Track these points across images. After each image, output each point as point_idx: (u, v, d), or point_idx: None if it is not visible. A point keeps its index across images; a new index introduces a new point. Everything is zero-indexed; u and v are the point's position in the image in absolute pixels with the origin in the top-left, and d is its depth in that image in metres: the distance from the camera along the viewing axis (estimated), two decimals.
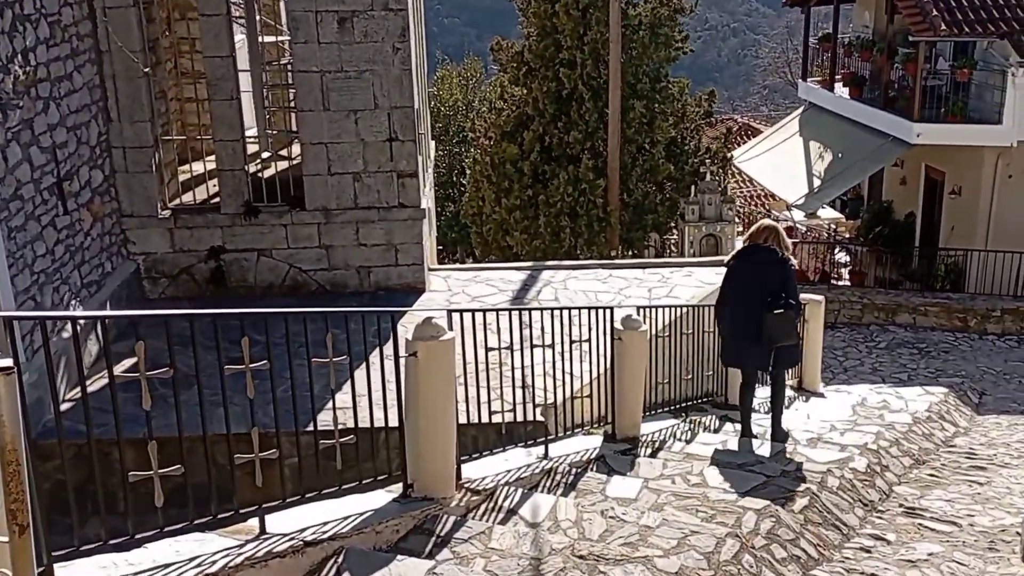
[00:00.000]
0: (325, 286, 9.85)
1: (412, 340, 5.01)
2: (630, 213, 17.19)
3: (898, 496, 6.98)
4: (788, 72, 51.24)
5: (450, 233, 21.01)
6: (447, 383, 5.19)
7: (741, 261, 7.57)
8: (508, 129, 17.49)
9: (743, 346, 7.55)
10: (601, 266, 10.87)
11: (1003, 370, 15.23)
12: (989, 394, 13.46)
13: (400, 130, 9.50)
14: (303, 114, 9.48)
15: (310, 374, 4.65)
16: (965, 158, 18.30)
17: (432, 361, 5.04)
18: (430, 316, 5.14)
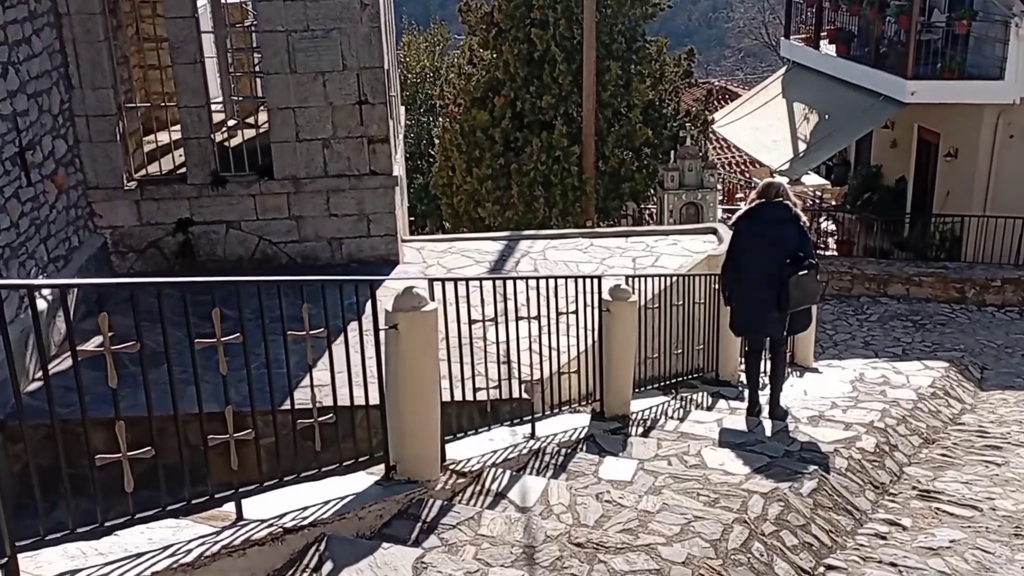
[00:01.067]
0: (296, 259, 9.87)
1: (392, 311, 4.96)
2: (606, 181, 17.17)
3: (910, 478, 6.91)
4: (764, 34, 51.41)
5: (419, 206, 20.89)
6: (431, 357, 5.15)
7: (752, 220, 7.27)
8: (478, 95, 17.37)
9: (759, 313, 7.32)
10: (581, 235, 10.87)
11: (1004, 343, 15.32)
12: (991, 368, 13.50)
13: (370, 92, 9.45)
14: (269, 77, 9.43)
15: (286, 349, 4.59)
16: (962, 118, 18.29)
17: (414, 334, 4.98)
18: (411, 285, 5.09)
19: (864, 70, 19.18)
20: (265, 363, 4.44)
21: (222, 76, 10.95)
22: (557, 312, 6.72)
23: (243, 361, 4.24)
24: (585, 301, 7.00)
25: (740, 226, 7.37)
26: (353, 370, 4.96)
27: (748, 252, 7.28)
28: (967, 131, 18.47)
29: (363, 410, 5.33)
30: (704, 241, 10.68)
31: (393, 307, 4.97)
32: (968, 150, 18.54)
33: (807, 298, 7.25)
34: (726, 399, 8.71)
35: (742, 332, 7.87)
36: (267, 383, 4.49)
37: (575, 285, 6.99)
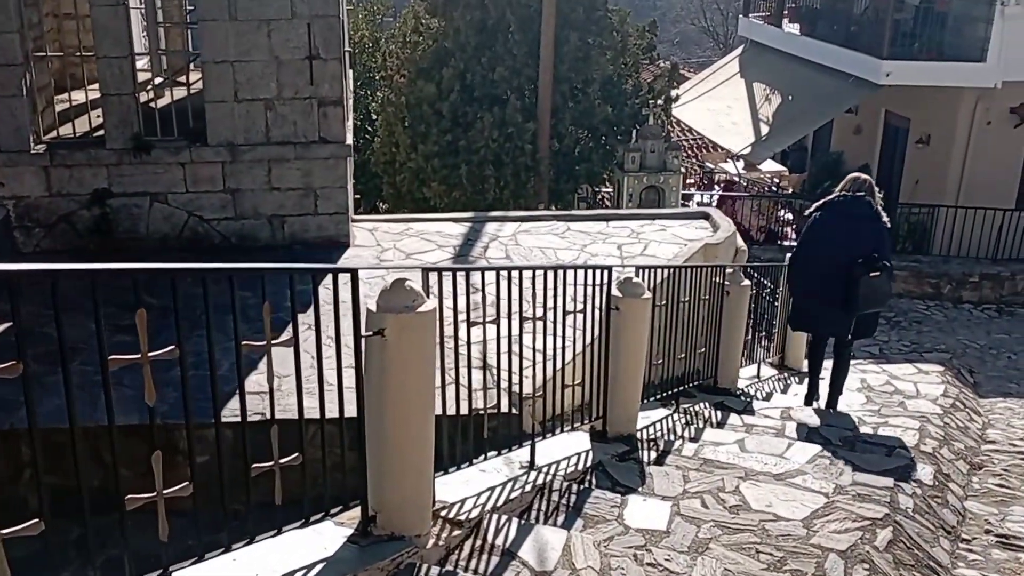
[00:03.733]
0: (231, 238, 8.60)
1: (378, 312, 3.76)
2: (560, 161, 16.04)
3: (975, 517, 6.01)
4: (702, 17, 51.14)
5: (357, 184, 19.50)
6: (427, 374, 4.02)
7: (830, 213, 6.97)
8: (424, 65, 16.05)
9: (824, 310, 7.11)
10: (556, 218, 9.72)
11: (987, 343, 14.84)
12: (978, 372, 13.04)
13: (323, 45, 8.19)
14: (204, 26, 8.11)
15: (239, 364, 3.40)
16: (936, 102, 17.68)
17: (407, 342, 3.82)
18: (402, 278, 3.94)
19: (834, 50, 18.45)
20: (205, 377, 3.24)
21: (149, 27, 9.55)
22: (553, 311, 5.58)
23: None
24: (580, 297, 5.85)
25: (816, 218, 7.09)
26: (306, 383, 3.80)
27: (821, 245, 7.00)
28: (942, 116, 17.88)
29: (332, 440, 4.10)
30: (696, 227, 9.62)
31: (379, 306, 3.78)
32: (942, 137, 17.94)
33: (876, 302, 7.04)
34: (734, 412, 7.67)
35: (802, 328, 7.72)
36: (211, 395, 3.33)
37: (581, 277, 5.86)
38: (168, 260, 8.01)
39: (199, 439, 3.49)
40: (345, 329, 3.69)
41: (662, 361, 7.16)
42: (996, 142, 17.38)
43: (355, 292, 3.81)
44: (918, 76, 17.14)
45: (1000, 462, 7.62)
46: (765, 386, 9.01)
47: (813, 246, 7.12)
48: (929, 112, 18.11)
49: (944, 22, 17.58)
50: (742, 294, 8.42)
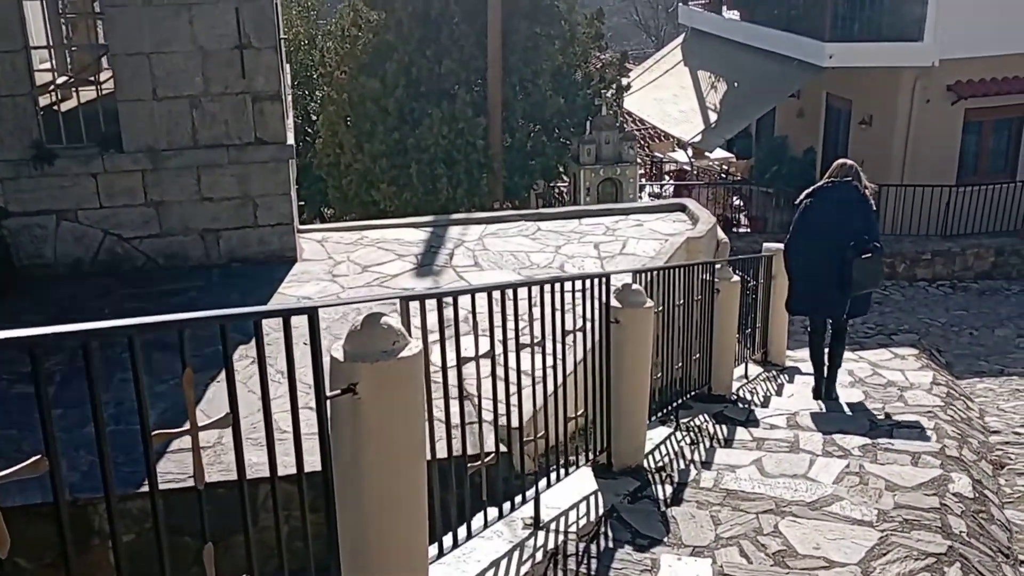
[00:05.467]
0: (157, 259, 7.15)
1: (346, 362, 2.70)
2: (514, 156, 14.82)
3: (1021, 529, 5.12)
4: (634, 11, 50.23)
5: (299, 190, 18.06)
6: (413, 442, 2.92)
7: (820, 199, 6.93)
8: (366, 61, 14.67)
9: (819, 293, 7.06)
10: (524, 218, 8.52)
11: (947, 320, 14.17)
12: (946, 350, 12.37)
13: (254, 32, 6.77)
14: (113, 13, 6.62)
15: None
16: (876, 83, 16.98)
17: (388, 400, 2.77)
18: (376, 313, 2.79)
19: (776, 34, 17.62)
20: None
21: (50, 20, 8.01)
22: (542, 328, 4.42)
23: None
24: (571, 307, 4.70)
25: (807, 204, 7.02)
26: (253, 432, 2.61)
27: (813, 231, 6.94)
28: (883, 97, 17.21)
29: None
30: (674, 221, 8.50)
31: (348, 352, 2.72)
32: (884, 116, 17.25)
33: (870, 282, 7.05)
34: (738, 424, 6.60)
35: (800, 311, 7.63)
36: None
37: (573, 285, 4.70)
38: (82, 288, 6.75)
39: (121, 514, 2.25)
40: (300, 358, 2.50)
41: (660, 374, 6.05)
42: (936, 120, 16.84)
43: (314, 339, 2.59)
44: (860, 57, 16.48)
45: (1017, 457, 6.86)
46: (758, 388, 7.98)
47: (806, 232, 7.02)
48: (870, 93, 17.43)
49: (882, 3, 16.79)
50: (733, 291, 7.35)
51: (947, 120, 16.91)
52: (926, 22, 15.87)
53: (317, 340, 2.55)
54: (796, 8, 17.94)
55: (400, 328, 2.80)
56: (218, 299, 6.50)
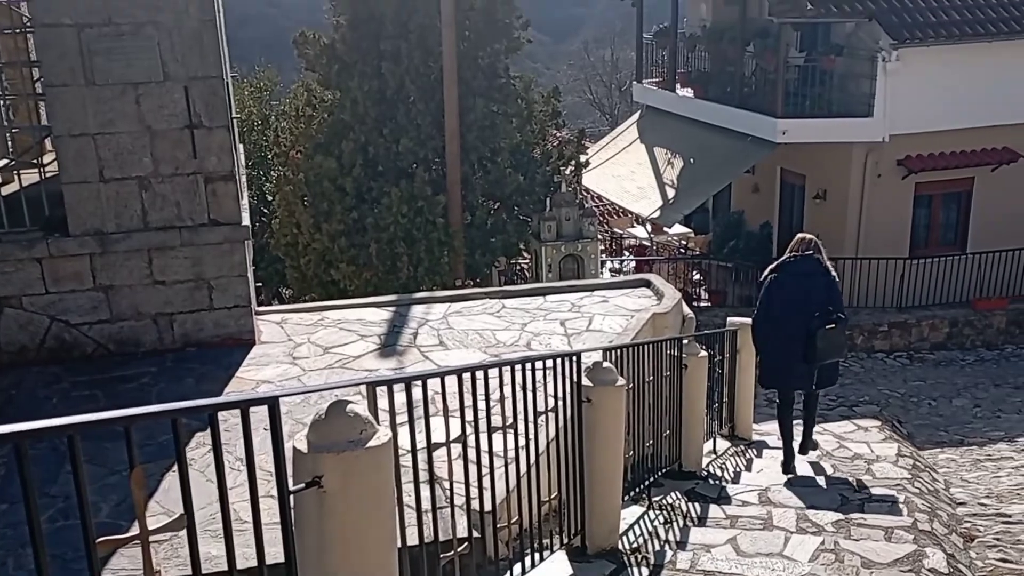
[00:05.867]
0: (107, 345, 6.83)
1: (311, 453, 2.55)
2: (474, 234, 14.77)
3: None
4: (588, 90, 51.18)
5: (256, 271, 17.83)
6: (384, 537, 2.73)
7: (784, 273, 7.09)
8: (322, 140, 14.62)
9: (789, 366, 7.16)
10: (488, 295, 8.38)
11: (906, 391, 14.26)
12: (906, 421, 12.41)
13: (205, 111, 6.59)
14: (55, 92, 6.41)
15: None
16: (829, 158, 17.30)
17: (357, 494, 2.63)
18: (341, 400, 2.65)
19: (730, 111, 17.93)
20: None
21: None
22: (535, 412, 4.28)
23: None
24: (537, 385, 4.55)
25: (772, 279, 7.17)
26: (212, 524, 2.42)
27: (778, 305, 7.08)
28: (835, 171, 17.51)
29: None
30: (639, 296, 8.43)
31: (313, 443, 2.57)
32: (837, 191, 17.53)
33: (835, 352, 7.14)
34: (710, 501, 6.45)
35: (772, 384, 7.69)
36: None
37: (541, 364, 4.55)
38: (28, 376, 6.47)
39: None
40: (261, 444, 2.32)
41: (632, 452, 5.91)
42: (887, 194, 17.12)
43: (276, 430, 2.43)
44: (812, 133, 16.78)
45: (986, 529, 6.84)
46: (728, 463, 7.86)
47: (772, 306, 7.15)
48: (823, 168, 17.73)
49: (832, 79, 17.21)
50: (701, 366, 7.27)
51: (898, 194, 17.19)
52: (875, 98, 16.23)
53: (279, 432, 2.39)
54: (748, 85, 18.30)
55: (367, 415, 2.65)
56: (172, 385, 6.27)
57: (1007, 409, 12.67)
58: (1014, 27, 15.97)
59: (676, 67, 20.28)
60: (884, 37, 15.63)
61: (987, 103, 16.27)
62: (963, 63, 16.13)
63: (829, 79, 17.33)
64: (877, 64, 16.09)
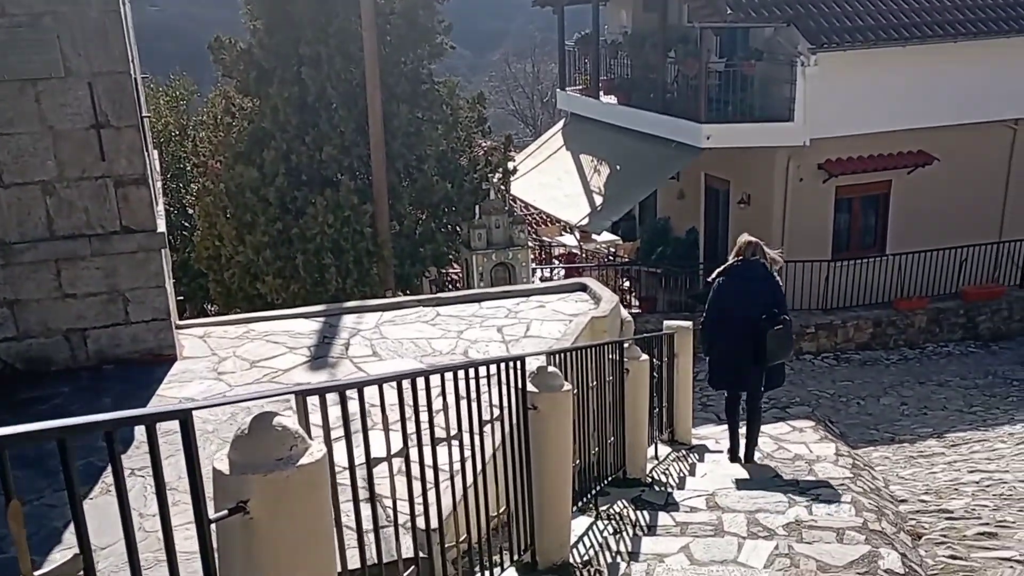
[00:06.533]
0: (15, 364, 6.28)
1: (233, 474, 2.22)
2: (403, 244, 14.39)
3: None
4: (510, 101, 51.16)
5: (179, 286, 17.13)
6: (321, 559, 2.42)
7: (733, 278, 7.19)
8: (242, 149, 14.10)
9: (739, 367, 7.28)
10: (422, 303, 8.05)
11: (835, 392, 14.34)
12: (837, 421, 12.45)
13: (112, 110, 6.11)
14: None
15: None
16: (752, 163, 17.37)
17: (288, 519, 2.29)
18: (268, 412, 2.31)
19: (654, 117, 17.90)
20: None
21: None
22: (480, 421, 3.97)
23: None
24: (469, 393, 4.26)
25: (720, 283, 7.26)
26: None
27: (727, 308, 7.18)
28: (758, 176, 17.59)
29: None
30: (576, 301, 8.19)
31: (235, 462, 2.25)
32: (761, 196, 17.60)
33: (783, 352, 7.24)
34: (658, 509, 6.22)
35: (721, 385, 7.73)
36: None
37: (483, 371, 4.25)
38: None
39: None
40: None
41: (577, 460, 5.64)
42: (810, 198, 17.25)
43: (190, 450, 2.08)
44: (736, 138, 16.79)
45: (931, 526, 6.75)
46: (671, 469, 7.65)
47: (719, 309, 7.25)
48: (747, 173, 17.80)
49: (754, 85, 17.29)
50: (642, 370, 7.04)
51: (820, 198, 17.33)
52: (795, 103, 16.33)
53: (193, 451, 2.05)
54: (671, 92, 18.30)
55: (298, 429, 2.32)
56: (88, 406, 5.79)
57: (933, 406, 12.79)
58: (926, 31, 16.23)
59: (599, 74, 20.20)
60: (802, 42, 15.74)
61: (903, 107, 16.52)
62: (879, 67, 16.35)
63: (751, 84, 17.41)
64: (796, 69, 16.20)
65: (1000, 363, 14.84)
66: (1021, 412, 11.39)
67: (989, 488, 7.54)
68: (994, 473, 8.09)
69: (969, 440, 10.07)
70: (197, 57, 22.58)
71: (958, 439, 10.26)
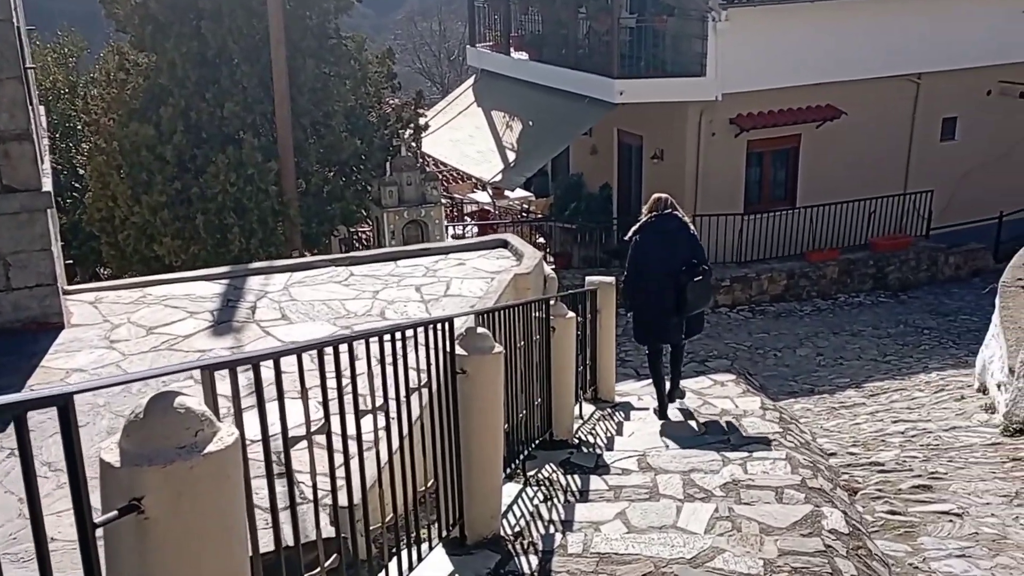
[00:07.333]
0: None
1: (124, 468, 1.82)
2: (311, 203, 13.79)
3: (896, 561, 4.80)
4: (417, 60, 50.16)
5: (69, 250, 16.14)
6: (233, 562, 2.00)
7: (650, 232, 7.25)
8: (137, 106, 13.26)
9: (660, 320, 7.36)
10: (334, 263, 7.59)
11: (752, 344, 14.39)
12: (755, 373, 12.45)
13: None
14: None
15: None
16: (664, 118, 17.25)
17: (193, 513, 1.93)
18: (168, 393, 1.88)
19: (566, 73, 17.60)
20: None
21: None
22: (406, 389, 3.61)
23: None
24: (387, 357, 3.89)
25: (637, 240, 7.31)
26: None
27: (647, 263, 7.26)
28: (671, 131, 17.49)
29: None
30: (497, 258, 7.85)
31: (128, 453, 1.84)
32: (674, 151, 17.53)
33: (702, 301, 7.40)
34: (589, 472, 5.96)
35: (645, 340, 7.79)
36: None
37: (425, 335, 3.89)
38: None
39: None
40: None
41: (506, 425, 5.31)
42: (722, 152, 17.29)
43: (70, 442, 1.67)
44: (648, 92, 16.66)
45: (864, 480, 6.71)
46: (598, 428, 7.42)
47: (640, 265, 7.32)
48: (659, 128, 17.69)
49: (665, 39, 17.10)
50: (569, 328, 6.75)
51: (732, 152, 17.37)
52: (707, 58, 16.21)
53: (74, 443, 1.63)
54: (584, 47, 17.99)
55: (204, 411, 1.92)
56: None
57: (848, 356, 12.91)
58: None
59: (510, 30, 19.75)
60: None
61: (812, 62, 16.58)
62: (789, 23, 16.36)
63: (662, 39, 17.25)
64: (708, 24, 16.06)
65: (910, 312, 15.10)
66: (934, 360, 11.55)
67: (915, 438, 7.53)
68: (917, 423, 8.10)
69: (887, 389, 10.12)
70: (92, 17, 21.38)
71: (876, 388, 10.32)
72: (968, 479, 6.28)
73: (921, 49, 17.22)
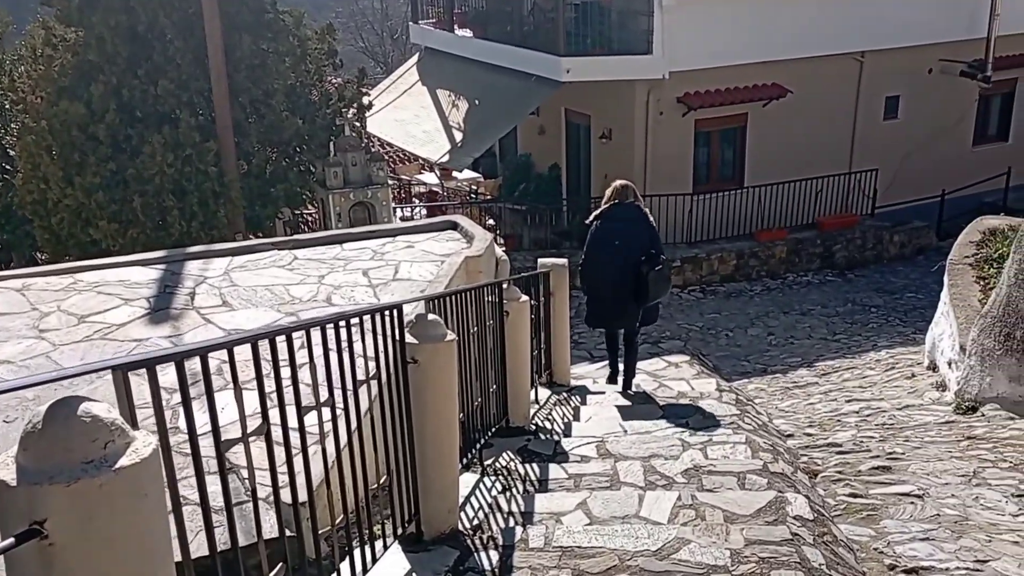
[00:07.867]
0: None
1: (25, 486, 1.59)
2: (253, 184, 13.36)
3: (861, 545, 4.70)
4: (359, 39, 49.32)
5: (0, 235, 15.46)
6: None
7: (607, 221, 7.30)
8: (66, 83, 12.69)
9: (616, 307, 7.41)
10: (276, 246, 7.27)
11: (704, 324, 14.34)
12: (708, 353, 12.36)
13: None
14: None
15: None
16: (612, 97, 17.06)
17: (103, 536, 1.68)
18: (71, 399, 1.60)
19: (512, 51, 17.31)
20: None
21: None
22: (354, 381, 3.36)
23: None
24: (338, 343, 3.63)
25: (597, 226, 7.36)
26: None
27: (604, 251, 7.28)
28: (619, 110, 17.32)
29: None
30: (447, 240, 7.59)
31: (27, 470, 1.52)
32: (622, 130, 17.36)
33: (662, 291, 7.45)
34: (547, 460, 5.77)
35: (600, 325, 7.91)
36: None
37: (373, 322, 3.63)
38: None
39: None
40: None
41: (461, 414, 5.08)
42: (670, 132, 17.14)
43: None
44: (595, 71, 16.45)
45: (823, 462, 6.63)
46: (554, 414, 7.22)
47: (597, 252, 7.33)
48: (607, 107, 17.51)
49: (611, 17, 16.89)
50: (523, 312, 6.53)
51: (680, 131, 17.25)
52: (653, 36, 16.04)
53: None
54: (529, 25, 17.71)
55: (115, 419, 1.65)
56: None
57: (798, 335, 12.90)
58: None
59: (453, 6, 19.38)
60: None
61: (758, 39, 16.50)
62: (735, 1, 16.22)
63: (608, 17, 17.04)
64: (654, 1, 15.88)
65: (857, 291, 15.16)
66: (883, 338, 11.56)
67: (870, 418, 7.46)
68: (871, 402, 8.04)
69: (839, 368, 10.10)
70: None
71: (828, 367, 10.29)
72: (926, 459, 6.22)
73: (864, 27, 17.25)
